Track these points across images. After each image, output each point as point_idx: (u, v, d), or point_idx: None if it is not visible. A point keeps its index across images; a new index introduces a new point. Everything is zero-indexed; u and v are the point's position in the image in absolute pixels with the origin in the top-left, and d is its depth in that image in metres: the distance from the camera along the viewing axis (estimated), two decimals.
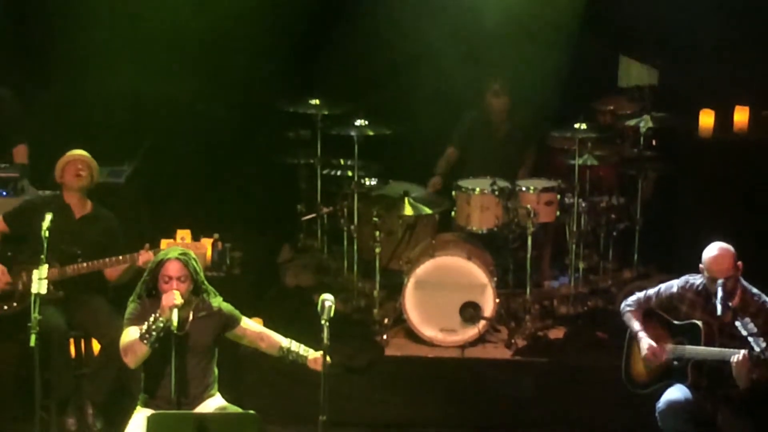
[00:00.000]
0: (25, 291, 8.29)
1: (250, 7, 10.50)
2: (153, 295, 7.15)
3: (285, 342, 7.30)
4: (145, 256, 8.13)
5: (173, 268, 7.06)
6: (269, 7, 10.57)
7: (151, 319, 6.93)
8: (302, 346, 7.29)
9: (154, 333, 6.91)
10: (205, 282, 7.25)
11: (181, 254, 7.11)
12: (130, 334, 7.01)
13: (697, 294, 7.66)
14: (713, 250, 7.53)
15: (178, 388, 7.00)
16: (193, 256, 7.19)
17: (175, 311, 6.91)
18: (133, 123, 10.63)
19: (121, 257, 8.34)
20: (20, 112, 9.92)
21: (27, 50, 10.72)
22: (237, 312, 7.30)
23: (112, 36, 10.63)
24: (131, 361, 7.01)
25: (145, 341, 6.91)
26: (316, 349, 7.09)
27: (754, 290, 7.59)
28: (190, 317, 7.14)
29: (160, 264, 7.09)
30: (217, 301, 7.25)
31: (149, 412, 6.98)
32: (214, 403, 7.20)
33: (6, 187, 9.42)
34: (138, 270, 8.09)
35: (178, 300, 6.94)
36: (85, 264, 8.39)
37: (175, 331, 6.93)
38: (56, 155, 8.71)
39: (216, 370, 7.29)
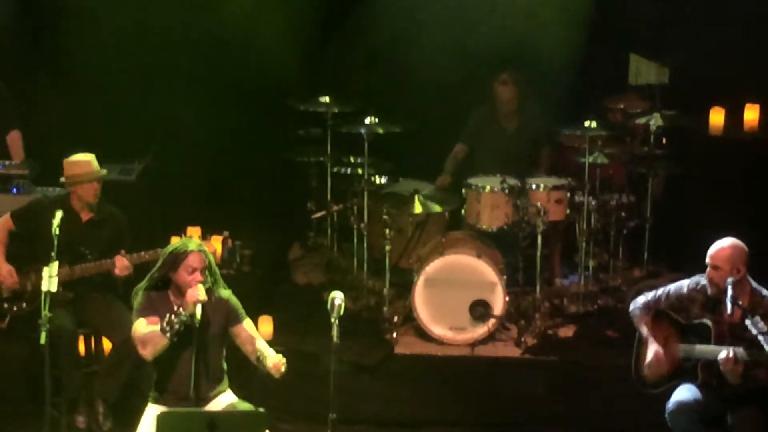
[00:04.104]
0: (35, 291, 8.27)
1: (261, 5, 10.50)
2: (159, 288, 7.16)
3: (261, 348, 7.12)
4: (120, 262, 8.17)
5: (196, 260, 7.07)
6: (280, 5, 10.58)
7: (173, 312, 6.93)
8: (270, 353, 7.09)
9: (176, 326, 6.91)
10: (218, 273, 7.26)
11: (200, 246, 7.14)
12: (145, 325, 7.02)
13: (706, 295, 7.61)
14: (722, 243, 7.50)
15: (193, 382, 6.99)
16: (206, 248, 7.22)
17: (199, 306, 6.93)
18: (144, 121, 10.64)
19: (94, 264, 8.32)
20: (9, 98, 9.90)
21: (36, 47, 10.73)
22: (242, 310, 7.27)
23: (122, 32, 10.64)
24: (149, 352, 7.00)
25: (166, 334, 6.91)
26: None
27: (764, 291, 7.54)
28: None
29: (183, 255, 7.08)
30: (226, 293, 7.27)
31: (161, 408, 7.00)
32: (225, 400, 7.21)
33: (17, 185, 9.43)
34: (146, 264, 8.09)
35: (203, 295, 6.95)
36: (92, 264, 8.38)
37: (197, 325, 6.94)
38: (64, 153, 8.66)
39: (225, 365, 7.29)
